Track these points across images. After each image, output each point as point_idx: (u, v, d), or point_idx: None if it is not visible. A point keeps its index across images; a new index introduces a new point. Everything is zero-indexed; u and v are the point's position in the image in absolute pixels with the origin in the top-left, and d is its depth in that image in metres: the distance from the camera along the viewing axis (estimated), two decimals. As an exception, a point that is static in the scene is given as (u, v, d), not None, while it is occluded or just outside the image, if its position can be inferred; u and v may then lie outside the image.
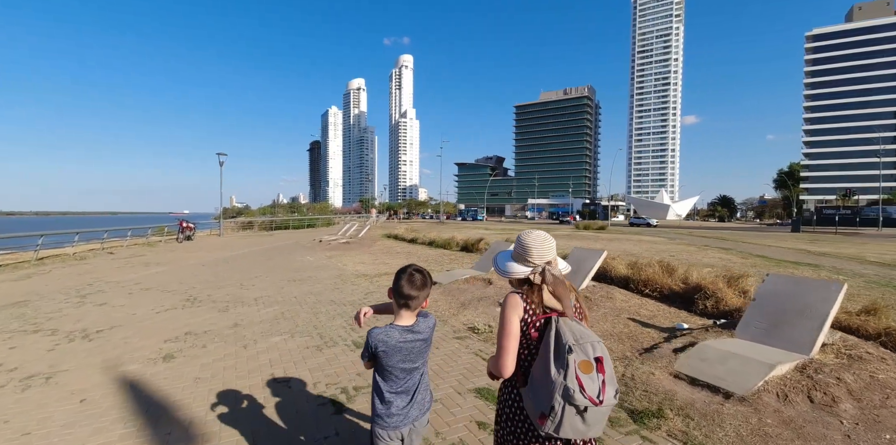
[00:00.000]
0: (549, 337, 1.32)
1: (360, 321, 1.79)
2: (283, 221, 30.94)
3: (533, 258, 1.46)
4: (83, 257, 13.10)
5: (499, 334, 1.43)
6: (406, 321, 1.64)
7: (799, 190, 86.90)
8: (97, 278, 9.37)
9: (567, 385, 1.23)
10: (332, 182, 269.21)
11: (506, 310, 1.43)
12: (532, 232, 1.54)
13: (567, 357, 1.25)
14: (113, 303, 6.76)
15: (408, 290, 1.58)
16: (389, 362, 1.62)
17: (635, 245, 14.53)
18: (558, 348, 1.29)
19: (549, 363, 1.28)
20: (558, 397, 1.24)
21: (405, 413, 1.65)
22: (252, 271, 10.29)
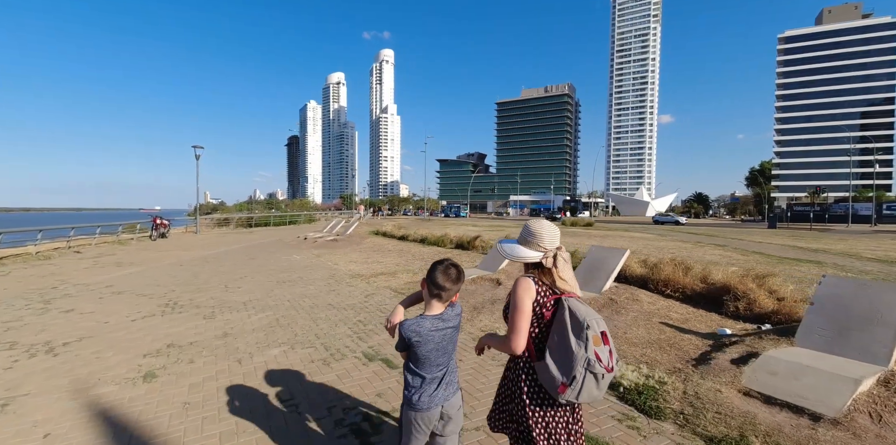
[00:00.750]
0: (565, 316, 1.48)
1: (394, 332, 1.79)
2: (263, 217, 29.73)
3: (545, 244, 1.60)
4: (47, 257, 12.06)
5: (512, 314, 1.54)
6: (436, 311, 1.72)
7: (770, 188, 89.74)
8: (63, 280, 8.52)
9: (588, 357, 1.41)
10: (311, 178, 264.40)
11: (519, 292, 1.54)
12: (541, 220, 1.68)
13: (586, 333, 1.42)
14: (81, 309, 6.03)
15: (443, 282, 1.67)
16: (423, 350, 1.69)
17: (629, 242, 14.38)
18: (576, 324, 1.45)
19: (569, 338, 1.44)
20: (580, 368, 1.41)
21: (435, 396, 1.72)
22: (236, 271, 9.59)
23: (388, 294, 6.75)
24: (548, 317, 1.54)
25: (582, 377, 1.42)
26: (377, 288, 7.28)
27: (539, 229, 1.62)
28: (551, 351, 1.50)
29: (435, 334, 1.69)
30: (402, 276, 8.44)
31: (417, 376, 1.73)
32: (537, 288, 1.55)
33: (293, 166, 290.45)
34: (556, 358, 1.48)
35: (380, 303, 6.18)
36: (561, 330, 1.49)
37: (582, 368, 1.41)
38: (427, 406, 1.70)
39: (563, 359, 1.46)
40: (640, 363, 3.53)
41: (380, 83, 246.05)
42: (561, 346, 1.47)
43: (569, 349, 1.44)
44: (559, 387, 1.46)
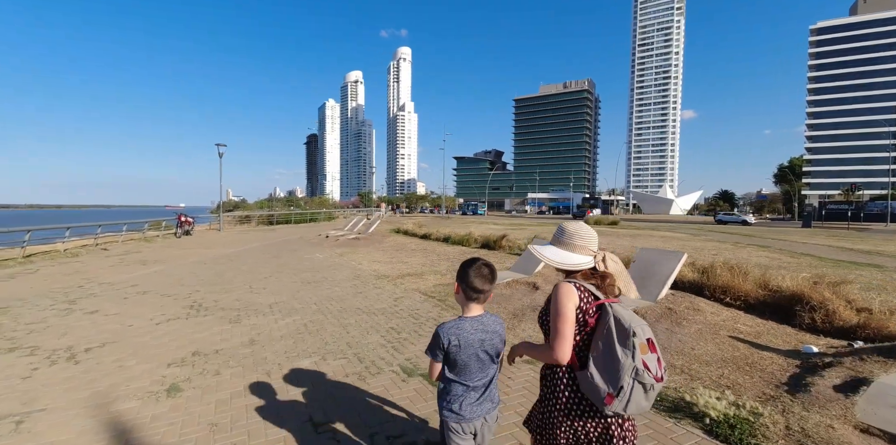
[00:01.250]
0: (610, 323, 1.40)
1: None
2: (284, 215, 29.88)
3: (592, 246, 1.54)
4: (75, 254, 12.15)
5: (555, 322, 1.45)
6: (475, 312, 1.66)
7: (801, 185, 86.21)
8: (89, 278, 8.46)
9: (636, 366, 1.33)
10: (329, 176, 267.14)
11: (561, 299, 1.46)
12: (579, 222, 1.63)
13: (633, 340, 1.35)
14: (105, 310, 5.87)
15: (480, 284, 1.61)
16: (464, 355, 1.60)
17: (663, 242, 13.72)
18: (621, 332, 1.38)
19: (615, 346, 1.37)
20: (627, 377, 1.33)
21: (478, 406, 1.64)
22: (260, 270, 9.40)
23: (418, 298, 6.40)
24: (591, 324, 1.47)
25: (630, 387, 1.34)
26: (405, 291, 6.93)
27: (585, 231, 1.56)
28: (595, 360, 1.43)
29: (475, 337, 1.61)
30: (429, 278, 8.08)
31: (458, 384, 1.64)
32: (580, 294, 1.47)
33: (312, 164, 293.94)
34: (600, 368, 1.40)
35: (410, 308, 5.83)
36: (606, 338, 1.41)
37: (629, 378, 1.34)
38: (469, 416, 1.62)
39: (608, 368, 1.39)
40: (722, 388, 3.08)
41: (397, 81, 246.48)
42: (606, 355, 1.40)
43: (615, 358, 1.37)
44: (605, 398, 1.37)
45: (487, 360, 1.66)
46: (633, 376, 1.33)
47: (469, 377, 1.63)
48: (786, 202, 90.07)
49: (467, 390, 1.64)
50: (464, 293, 1.64)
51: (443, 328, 1.61)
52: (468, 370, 1.63)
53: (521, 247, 11.28)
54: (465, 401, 1.63)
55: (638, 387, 1.34)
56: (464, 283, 1.62)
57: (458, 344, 1.58)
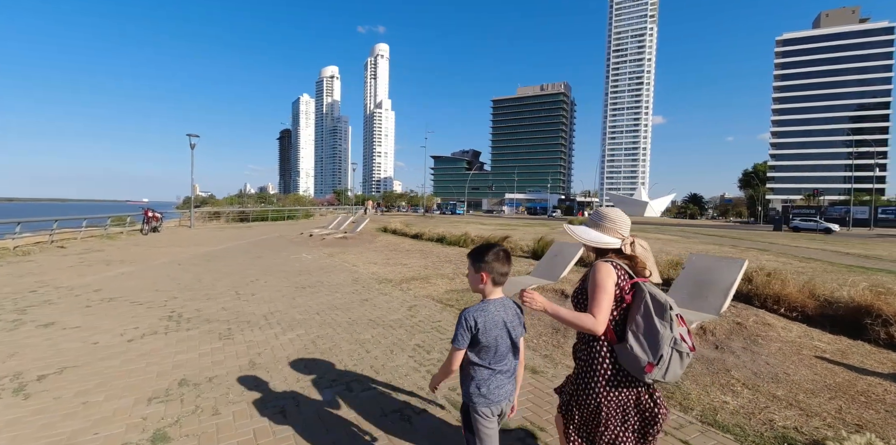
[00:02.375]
0: (646, 298, 1.53)
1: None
2: (261, 212, 28.35)
3: (623, 230, 1.68)
4: (27, 253, 10.78)
5: (595, 294, 1.54)
6: (497, 295, 1.70)
7: (765, 189, 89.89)
8: (43, 281, 7.32)
9: (674, 336, 1.48)
10: (303, 172, 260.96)
11: (600, 275, 1.56)
12: (614, 209, 1.82)
13: (670, 314, 1.50)
14: (64, 323, 4.89)
15: (501, 267, 1.67)
16: (489, 337, 1.62)
17: (663, 244, 13.47)
18: (658, 306, 1.51)
19: (653, 319, 1.49)
20: (667, 347, 1.46)
21: (504, 389, 1.67)
22: (244, 272, 8.45)
23: (434, 307, 5.69)
24: (628, 301, 1.58)
25: (669, 356, 1.47)
26: (416, 298, 6.21)
27: (616, 216, 1.69)
28: (634, 333, 1.52)
29: (499, 317, 1.65)
30: (437, 282, 7.39)
31: (484, 368, 1.66)
32: (617, 272, 1.59)
33: (285, 160, 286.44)
34: (640, 339, 1.51)
35: (430, 319, 5.13)
36: (645, 312, 1.52)
37: (668, 347, 1.46)
38: (497, 399, 1.66)
39: (649, 340, 1.49)
40: (853, 427, 2.54)
41: (374, 78, 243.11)
42: (646, 327, 1.51)
43: (654, 330, 1.48)
44: (646, 367, 1.48)
45: (509, 344, 1.68)
46: (672, 345, 1.47)
47: (496, 361, 1.65)
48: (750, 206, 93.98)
49: (493, 374, 1.66)
50: (490, 278, 1.67)
51: (468, 312, 1.63)
52: (495, 353, 1.65)
53: (525, 249, 10.72)
54: (493, 385, 1.64)
55: (675, 356, 1.47)
56: (492, 271, 1.66)
57: (484, 325, 1.61)
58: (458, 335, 1.62)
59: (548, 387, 3.22)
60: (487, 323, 1.60)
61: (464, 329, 1.61)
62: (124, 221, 17.83)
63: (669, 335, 1.46)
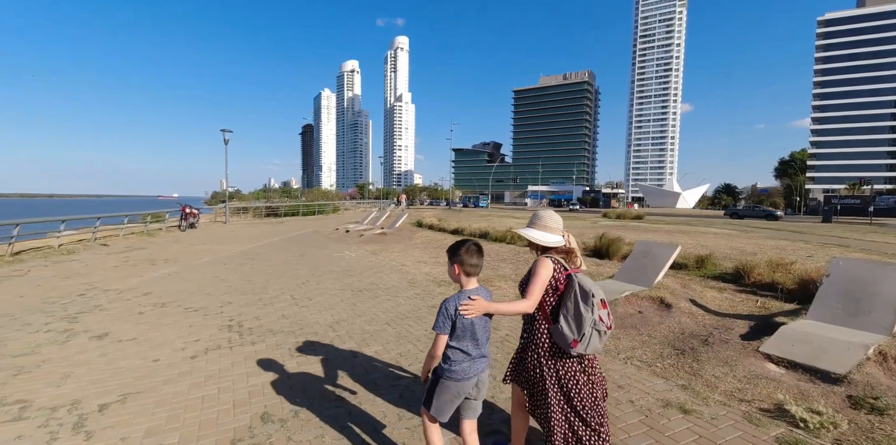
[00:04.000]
0: (576, 288, 1.87)
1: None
2: (292, 207, 28.30)
3: (561, 229, 2.03)
4: (71, 251, 10.66)
5: (532, 282, 1.90)
6: (473, 285, 1.92)
7: (803, 179, 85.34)
8: (91, 283, 7.03)
9: (595, 319, 1.82)
10: (325, 167, 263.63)
11: (540, 268, 1.91)
12: (549, 210, 2.15)
13: (593, 300, 1.83)
14: (118, 333, 4.48)
15: (470, 259, 1.88)
16: (465, 323, 1.82)
17: (727, 240, 12.43)
18: (584, 294, 1.85)
19: (580, 304, 1.84)
20: (588, 327, 1.81)
21: (472, 367, 1.88)
22: (292, 273, 8.01)
23: (513, 317, 5.05)
24: (561, 289, 1.92)
25: (590, 334, 1.82)
26: (489, 304, 5.58)
27: (552, 216, 2.05)
28: (565, 316, 1.86)
29: None
30: (501, 285, 6.75)
31: (458, 351, 1.87)
32: (554, 266, 1.93)
33: (307, 155, 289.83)
34: (569, 321, 1.85)
35: (518, 334, 4.49)
36: (573, 299, 1.86)
37: (590, 327, 1.81)
38: (466, 376, 1.87)
39: (576, 321, 1.83)
40: None
41: (394, 71, 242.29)
42: (573, 311, 1.85)
43: (579, 313, 1.82)
44: (572, 343, 1.83)
45: (482, 329, 1.89)
46: (593, 326, 1.82)
47: (469, 345, 1.87)
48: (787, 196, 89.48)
49: (467, 357, 1.87)
50: (463, 270, 1.89)
51: (447, 301, 1.86)
52: (469, 338, 1.86)
53: (581, 246, 9.95)
54: (464, 364, 1.87)
55: (595, 334, 1.83)
56: (463, 264, 1.88)
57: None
58: (438, 321, 1.83)
59: (711, 434, 2.54)
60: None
61: (444, 317, 1.82)
62: (163, 217, 17.84)
63: (591, 317, 1.79)
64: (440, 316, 1.83)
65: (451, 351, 1.87)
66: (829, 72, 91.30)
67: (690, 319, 4.65)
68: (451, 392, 1.88)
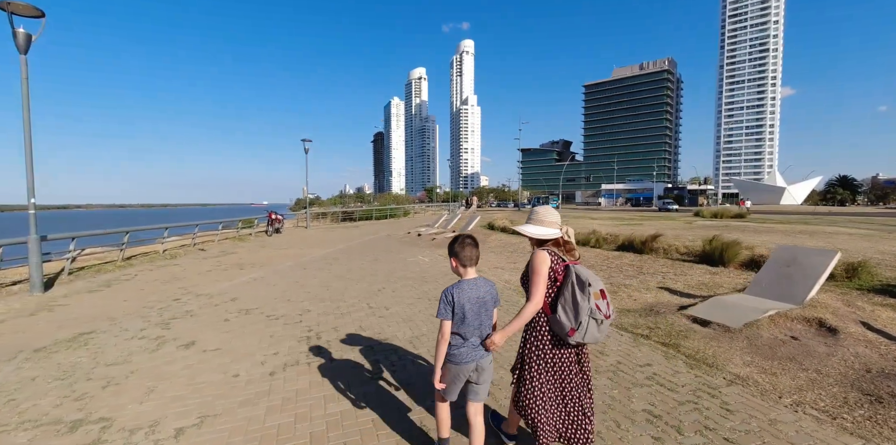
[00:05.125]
0: (573, 278, 1.94)
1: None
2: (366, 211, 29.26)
3: (558, 222, 2.11)
4: (173, 256, 11.61)
5: (533, 279, 1.98)
6: (470, 276, 2.09)
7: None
8: (185, 287, 7.39)
9: (591, 307, 1.88)
10: (395, 172, 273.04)
11: (538, 262, 1.99)
12: (546, 207, 2.18)
13: (588, 290, 1.89)
14: (204, 342, 4.43)
15: (469, 253, 2.07)
16: (464, 308, 2.00)
17: (869, 242, 10.24)
18: (581, 284, 1.91)
19: (577, 294, 1.90)
20: (585, 316, 1.87)
21: (473, 352, 2.04)
22: (368, 279, 7.82)
23: (623, 339, 4.24)
24: (560, 280, 1.99)
25: (587, 322, 1.87)
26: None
27: (548, 212, 2.11)
28: (562, 306, 1.94)
29: (472, 293, 2.03)
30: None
31: (457, 336, 2.04)
32: (551, 258, 2.01)
33: (378, 161, 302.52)
34: (566, 310, 1.92)
35: (631, 360, 3.70)
36: (570, 289, 1.92)
37: (586, 316, 1.87)
38: (465, 360, 2.03)
39: (573, 310, 1.90)
40: None
41: (460, 75, 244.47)
42: (571, 300, 1.91)
43: (576, 303, 1.89)
44: (569, 331, 1.90)
45: (479, 317, 2.04)
46: (589, 314, 1.87)
47: (466, 330, 2.02)
48: (924, 189, 74.94)
49: (464, 341, 2.03)
50: (459, 261, 2.08)
51: (447, 290, 2.04)
52: (466, 323, 2.01)
53: (682, 250, 8.68)
54: (462, 348, 2.03)
55: (592, 323, 1.88)
56: (457, 257, 2.07)
57: (458, 298, 2.00)
58: (441, 308, 2.03)
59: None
60: (462, 298, 2.00)
61: (445, 304, 2.02)
62: (252, 223, 19.13)
63: (587, 306, 1.87)
64: (441, 303, 2.02)
65: (452, 336, 2.05)
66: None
67: (871, 349, 3.53)
68: (452, 374, 2.06)
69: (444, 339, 2.02)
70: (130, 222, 12.31)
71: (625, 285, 6.41)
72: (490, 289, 2.10)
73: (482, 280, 2.09)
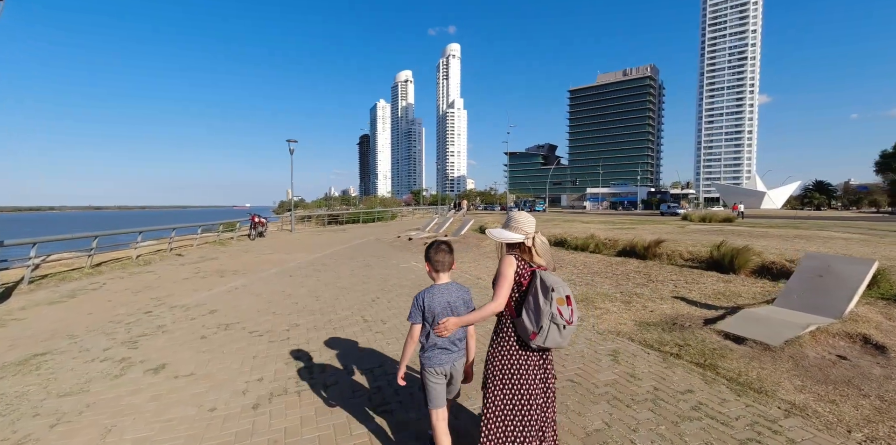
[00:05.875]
0: (537, 283, 1.95)
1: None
2: (353, 214, 28.54)
3: (526, 228, 2.07)
4: (148, 262, 10.84)
5: (498, 281, 2.02)
6: (443, 281, 2.15)
7: (915, 173, 73.42)
8: (159, 298, 6.74)
9: (552, 312, 1.88)
10: (381, 175, 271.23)
11: (504, 266, 2.03)
12: (522, 212, 2.20)
13: (552, 295, 1.89)
14: (175, 365, 3.86)
15: (441, 258, 2.13)
16: (434, 312, 2.05)
17: (869, 247, 10.13)
18: (544, 289, 1.92)
19: (539, 298, 1.92)
20: (546, 320, 1.88)
21: (448, 355, 2.10)
22: (360, 288, 7.30)
23: (649, 358, 3.83)
24: (525, 285, 2.01)
25: (548, 327, 1.88)
26: (604, 337, 4.40)
27: (521, 218, 2.10)
28: (526, 310, 1.96)
29: (442, 297, 2.08)
30: (608, 306, 5.51)
31: (432, 337, 2.08)
32: (518, 262, 2.03)
33: (364, 164, 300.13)
34: (529, 314, 1.94)
35: (666, 384, 3.29)
36: (534, 293, 1.95)
37: (547, 320, 1.88)
38: (438, 363, 2.08)
39: (535, 314, 1.92)
40: None
41: (446, 78, 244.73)
42: (533, 305, 1.93)
43: (539, 307, 1.91)
44: (531, 335, 1.92)
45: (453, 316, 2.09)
46: (550, 319, 1.87)
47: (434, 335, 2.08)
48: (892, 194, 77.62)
49: (437, 344, 2.08)
50: (431, 266, 2.15)
51: (419, 294, 2.11)
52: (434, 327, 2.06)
53: (687, 256, 8.39)
54: (435, 351, 2.08)
55: (553, 327, 1.88)
56: (430, 262, 2.15)
57: (429, 303, 2.06)
58: (412, 312, 2.10)
59: None
60: (432, 303, 2.06)
61: (416, 308, 2.09)
62: (234, 226, 18.32)
63: (549, 310, 1.87)
64: (413, 307, 2.09)
65: (426, 340, 2.10)
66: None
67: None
68: (432, 377, 2.09)
69: (412, 341, 2.11)
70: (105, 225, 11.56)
71: (636, 294, 6.03)
72: (462, 294, 2.15)
73: (455, 285, 2.15)
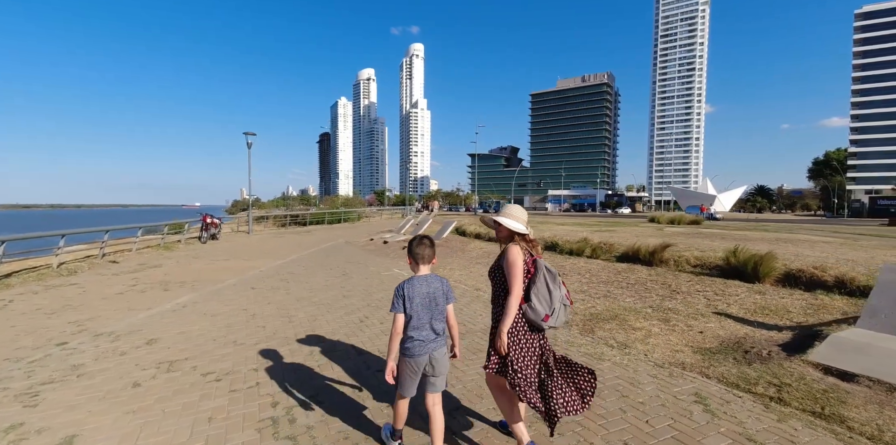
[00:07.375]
0: (544, 270, 2.15)
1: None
2: (317, 215, 26.71)
3: (525, 220, 2.28)
4: (73, 271, 9.03)
5: (511, 271, 2.11)
6: (423, 272, 2.23)
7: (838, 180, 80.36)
8: (80, 322, 5.26)
9: (562, 295, 2.15)
10: (342, 174, 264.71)
11: (514, 256, 2.14)
12: (515, 205, 2.39)
13: (559, 279, 2.18)
14: (88, 438, 2.60)
15: (421, 250, 2.21)
16: (413, 302, 2.12)
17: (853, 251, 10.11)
18: (551, 275, 2.15)
19: (549, 284, 2.13)
20: (558, 303, 2.12)
21: (424, 346, 2.14)
22: (340, 303, 6.11)
23: (739, 403, 3.02)
24: (531, 272, 2.16)
25: (559, 309, 2.13)
26: (666, 369, 3.55)
27: (517, 211, 2.31)
28: (536, 295, 2.11)
29: (422, 288, 2.15)
30: (646, 326, 4.70)
31: (410, 328, 2.13)
32: (523, 252, 2.18)
33: (324, 163, 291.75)
34: (540, 299, 2.10)
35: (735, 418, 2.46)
36: (542, 280, 2.12)
37: (559, 303, 2.13)
38: (418, 353, 2.13)
39: (546, 299, 2.11)
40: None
41: (410, 78, 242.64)
42: (544, 290, 2.11)
43: (550, 291, 2.11)
44: (544, 318, 2.10)
45: (429, 312, 2.16)
46: (561, 301, 2.13)
47: (418, 324, 2.13)
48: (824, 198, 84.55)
49: (415, 330, 2.13)
50: (413, 258, 2.23)
51: (400, 284, 2.17)
52: (416, 317, 2.13)
53: (693, 261, 7.84)
54: (414, 342, 2.13)
55: (561, 308, 2.14)
56: (412, 254, 2.23)
57: (409, 293, 2.13)
58: (394, 302, 2.15)
59: None
60: (412, 293, 2.13)
61: (397, 298, 2.14)
62: (182, 227, 16.33)
63: (559, 294, 2.13)
64: (394, 298, 2.17)
65: (406, 330, 2.17)
66: (869, 67, 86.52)
67: None
68: (408, 368, 2.16)
69: (396, 333, 2.14)
70: (30, 227, 9.52)
71: (669, 309, 5.27)
72: (440, 285, 2.22)
73: (433, 277, 2.23)
